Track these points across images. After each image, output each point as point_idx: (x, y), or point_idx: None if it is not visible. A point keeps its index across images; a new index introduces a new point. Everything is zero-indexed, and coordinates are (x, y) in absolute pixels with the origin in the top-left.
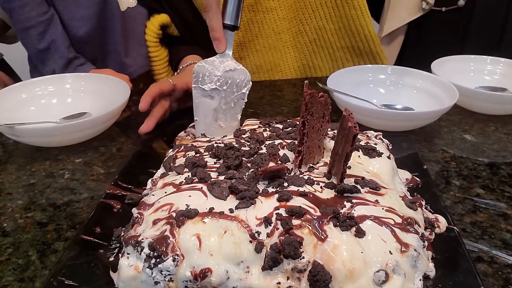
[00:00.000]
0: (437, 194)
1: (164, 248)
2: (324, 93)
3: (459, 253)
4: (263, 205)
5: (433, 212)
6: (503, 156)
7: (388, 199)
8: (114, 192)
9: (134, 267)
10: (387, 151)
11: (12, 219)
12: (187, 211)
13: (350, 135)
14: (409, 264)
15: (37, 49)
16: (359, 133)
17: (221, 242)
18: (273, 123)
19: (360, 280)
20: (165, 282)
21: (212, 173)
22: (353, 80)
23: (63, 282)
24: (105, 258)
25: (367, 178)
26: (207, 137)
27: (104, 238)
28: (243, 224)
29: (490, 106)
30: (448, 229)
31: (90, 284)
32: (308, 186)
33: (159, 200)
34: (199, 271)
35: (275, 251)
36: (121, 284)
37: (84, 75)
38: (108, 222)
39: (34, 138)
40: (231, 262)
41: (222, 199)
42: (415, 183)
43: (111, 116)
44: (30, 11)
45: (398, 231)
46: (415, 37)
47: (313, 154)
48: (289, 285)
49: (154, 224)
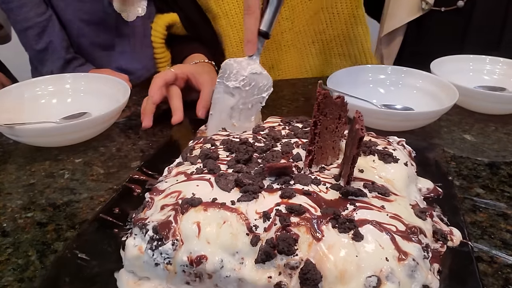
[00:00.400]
0: (457, 207)
1: (166, 232)
2: (341, 95)
3: (469, 269)
4: (265, 200)
5: (450, 224)
6: (503, 156)
7: (397, 206)
8: (137, 177)
9: (138, 247)
10: (406, 158)
11: (12, 219)
12: (192, 199)
13: (356, 138)
14: (405, 273)
15: (35, 49)
16: (365, 135)
17: (219, 231)
18: (294, 122)
19: (350, 284)
20: (164, 264)
21: (222, 165)
22: (353, 80)
23: (76, 254)
24: (118, 237)
25: (379, 183)
26: (227, 131)
27: (121, 218)
28: (242, 216)
29: (490, 106)
30: (462, 244)
31: (100, 259)
32: (313, 185)
33: (170, 187)
34: (195, 257)
35: (270, 245)
36: (126, 262)
37: (84, 75)
38: (127, 204)
39: (33, 138)
40: (227, 252)
41: (226, 191)
42: (436, 194)
43: (111, 116)
44: (28, 12)
45: (399, 238)
46: (414, 37)
47: (326, 155)
48: (279, 280)
49: (161, 209)
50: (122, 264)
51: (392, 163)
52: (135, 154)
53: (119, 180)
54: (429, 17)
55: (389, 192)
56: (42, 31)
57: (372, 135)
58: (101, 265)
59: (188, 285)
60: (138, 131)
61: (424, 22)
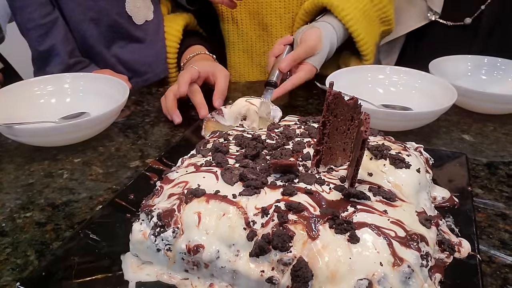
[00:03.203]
0: (471, 218)
1: (168, 220)
2: (355, 96)
3: (472, 282)
4: (266, 196)
5: (460, 235)
6: (502, 156)
7: (401, 212)
8: (156, 166)
9: (143, 232)
10: (420, 165)
11: (11, 219)
12: (196, 190)
13: (360, 140)
14: (398, 280)
15: (37, 50)
16: (368, 138)
17: (218, 223)
18: (310, 122)
19: (341, 284)
20: (165, 250)
21: (230, 159)
22: (352, 80)
23: (88, 235)
24: (129, 222)
25: (386, 187)
26: (244, 127)
27: (135, 204)
28: (242, 210)
29: (488, 106)
30: (470, 256)
31: (110, 241)
32: (317, 185)
33: (179, 177)
34: (193, 246)
35: (265, 240)
36: (131, 246)
37: (83, 75)
38: (142, 191)
39: (32, 138)
40: (224, 244)
41: (230, 184)
42: (452, 203)
43: (110, 116)
44: (32, 13)
45: (397, 244)
46: (413, 49)
47: (335, 156)
48: (271, 275)
49: (168, 198)
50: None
51: (403, 169)
52: (134, 154)
53: (118, 179)
54: (430, 29)
55: (395, 197)
56: (45, 33)
57: (389, 139)
58: (110, 246)
59: (187, 272)
60: (137, 131)
61: (425, 34)
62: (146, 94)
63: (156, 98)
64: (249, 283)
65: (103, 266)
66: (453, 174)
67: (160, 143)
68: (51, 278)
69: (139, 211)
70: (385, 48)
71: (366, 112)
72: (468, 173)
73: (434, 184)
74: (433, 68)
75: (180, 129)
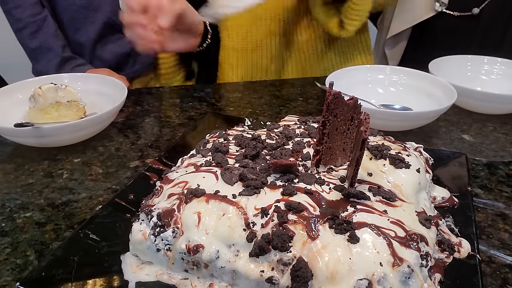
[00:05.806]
0: (471, 218)
1: (168, 220)
2: (355, 96)
3: (472, 282)
4: (266, 196)
5: (460, 235)
6: (501, 156)
7: (401, 212)
8: (156, 166)
9: (143, 232)
10: (420, 165)
11: (10, 219)
12: (196, 190)
13: (360, 140)
14: (398, 280)
15: (29, 48)
16: (368, 138)
17: (217, 223)
18: (310, 122)
19: (340, 285)
20: (164, 250)
21: (230, 159)
22: (351, 80)
23: (88, 235)
24: (129, 222)
25: (386, 187)
26: (244, 127)
27: (134, 204)
28: (241, 210)
29: (488, 106)
30: (469, 256)
31: (110, 241)
32: (316, 185)
33: (179, 177)
34: (193, 246)
35: (265, 240)
36: (131, 246)
37: (81, 75)
38: (142, 191)
39: (32, 138)
40: (223, 244)
41: (229, 184)
42: (452, 203)
43: (109, 115)
44: (23, 12)
45: (396, 244)
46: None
47: (335, 156)
48: (271, 275)
49: (168, 198)
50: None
51: (403, 169)
52: (134, 154)
53: (118, 179)
54: (437, 21)
55: (395, 197)
56: (36, 30)
57: (389, 139)
58: (109, 246)
59: (187, 272)
60: (137, 131)
61: (431, 25)
62: (146, 94)
63: (156, 98)
64: (249, 283)
65: (103, 266)
66: (453, 174)
67: (160, 143)
68: (51, 278)
69: (139, 211)
70: (392, 40)
71: (366, 112)
72: (468, 173)
73: (434, 184)
74: (433, 68)
75: (180, 129)
